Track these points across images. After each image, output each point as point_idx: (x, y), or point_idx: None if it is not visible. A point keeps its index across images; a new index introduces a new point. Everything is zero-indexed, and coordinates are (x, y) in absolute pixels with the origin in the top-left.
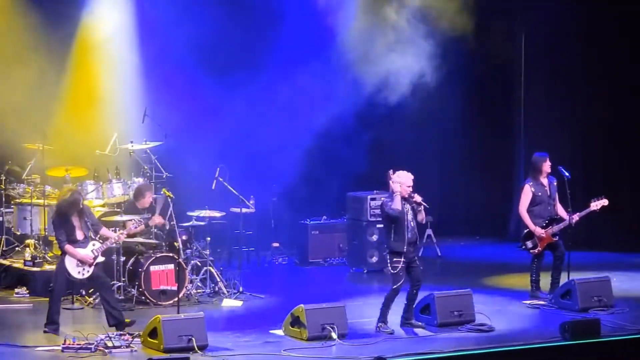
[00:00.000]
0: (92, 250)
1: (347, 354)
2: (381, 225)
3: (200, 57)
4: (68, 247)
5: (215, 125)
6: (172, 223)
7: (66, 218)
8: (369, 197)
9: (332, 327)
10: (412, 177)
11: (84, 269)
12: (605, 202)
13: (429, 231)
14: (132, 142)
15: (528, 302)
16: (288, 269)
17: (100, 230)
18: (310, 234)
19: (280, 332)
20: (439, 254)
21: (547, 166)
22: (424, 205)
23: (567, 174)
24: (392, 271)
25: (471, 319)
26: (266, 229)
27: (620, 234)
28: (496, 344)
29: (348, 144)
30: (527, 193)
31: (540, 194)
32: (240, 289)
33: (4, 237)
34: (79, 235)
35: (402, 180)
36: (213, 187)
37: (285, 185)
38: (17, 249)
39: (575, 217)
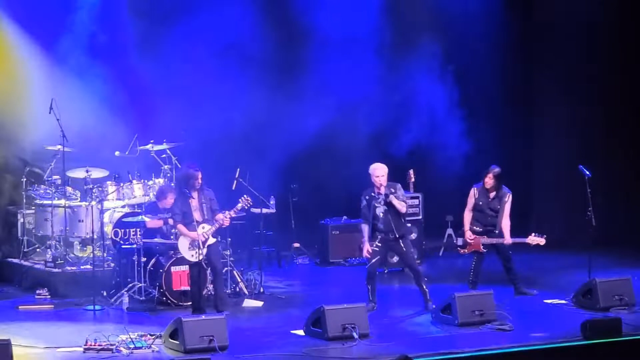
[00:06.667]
0: (202, 233)
1: (368, 354)
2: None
3: (221, 58)
4: (180, 227)
5: (235, 125)
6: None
7: (184, 195)
8: None
9: (353, 327)
10: (380, 167)
11: (196, 252)
12: (542, 241)
13: (449, 230)
14: (152, 142)
15: (549, 301)
16: (308, 269)
17: (217, 215)
18: (330, 234)
19: (301, 332)
20: (460, 253)
21: (486, 179)
22: (390, 199)
23: (587, 172)
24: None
25: (492, 318)
26: (286, 230)
27: None
28: (517, 344)
29: (369, 144)
30: (470, 196)
31: (481, 202)
32: (261, 290)
33: (25, 238)
34: (197, 216)
35: (370, 171)
36: (233, 188)
37: (306, 185)
38: (37, 250)
39: (509, 240)
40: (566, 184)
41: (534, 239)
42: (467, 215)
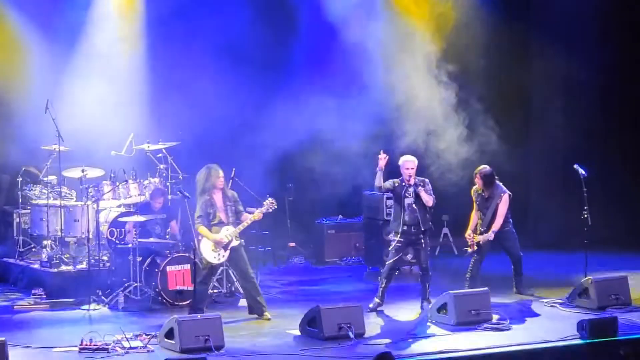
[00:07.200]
0: (225, 235)
1: (364, 354)
2: None
3: (216, 58)
4: (202, 229)
5: (230, 124)
6: (189, 223)
7: (206, 196)
8: (385, 196)
9: (349, 327)
10: (410, 160)
11: (219, 254)
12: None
13: (445, 230)
14: (148, 142)
15: (546, 301)
16: (304, 268)
17: (242, 216)
18: (326, 233)
19: (297, 331)
20: (456, 253)
21: (475, 179)
22: (418, 190)
23: (583, 172)
24: (389, 248)
25: (488, 317)
26: (282, 229)
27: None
28: (513, 343)
29: (365, 144)
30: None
31: (478, 202)
32: None
33: (20, 238)
34: (223, 217)
35: (400, 163)
36: (229, 187)
37: (301, 184)
38: (33, 250)
39: (480, 238)
40: (563, 184)
41: (484, 237)
42: (473, 216)
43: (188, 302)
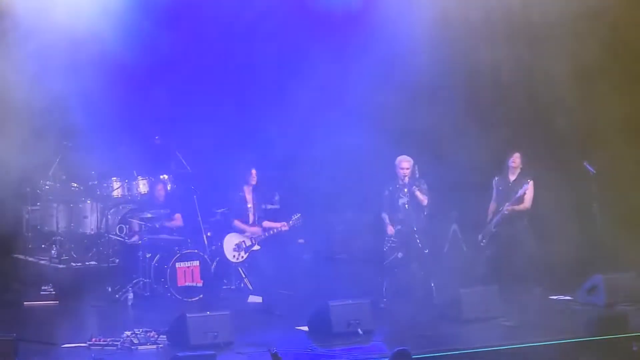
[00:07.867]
0: (249, 237)
1: (373, 350)
2: None
3: (229, 56)
4: (236, 222)
5: (241, 122)
6: (197, 219)
7: (239, 192)
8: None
9: (358, 323)
10: (406, 159)
11: (239, 254)
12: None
13: (454, 226)
14: (157, 137)
15: (555, 297)
16: (313, 264)
17: (263, 221)
18: (335, 229)
19: (305, 328)
20: (465, 249)
21: (513, 158)
22: (414, 189)
23: (592, 169)
24: (384, 249)
25: (497, 314)
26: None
27: None
28: (522, 340)
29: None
30: (493, 188)
31: (500, 188)
32: None
33: (30, 234)
34: (250, 217)
35: (396, 162)
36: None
37: (310, 180)
38: (43, 246)
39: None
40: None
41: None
42: (490, 207)
43: (197, 298)
